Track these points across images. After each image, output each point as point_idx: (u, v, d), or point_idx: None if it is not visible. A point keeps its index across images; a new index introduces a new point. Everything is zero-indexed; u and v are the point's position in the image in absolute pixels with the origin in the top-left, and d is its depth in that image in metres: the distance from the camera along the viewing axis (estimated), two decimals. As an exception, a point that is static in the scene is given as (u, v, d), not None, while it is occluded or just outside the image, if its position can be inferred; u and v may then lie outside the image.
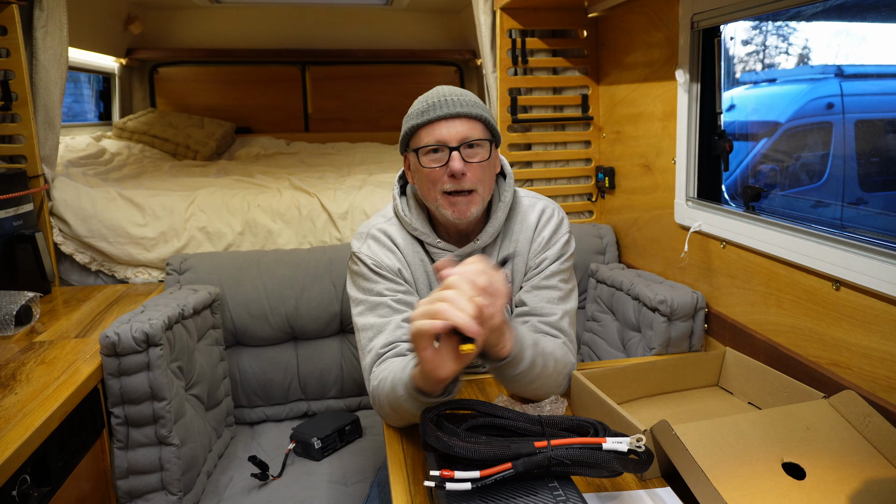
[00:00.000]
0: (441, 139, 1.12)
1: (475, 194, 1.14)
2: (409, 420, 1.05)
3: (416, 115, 1.14)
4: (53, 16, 1.83)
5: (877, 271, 1.03)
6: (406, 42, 4.13)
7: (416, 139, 1.15)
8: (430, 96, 1.16)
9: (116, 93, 3.71)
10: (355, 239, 1.25)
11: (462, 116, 1.12)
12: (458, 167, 1.10)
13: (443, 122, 1.12)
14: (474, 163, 1.12)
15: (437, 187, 1.14)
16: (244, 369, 1.83)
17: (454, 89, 1.16)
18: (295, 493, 1.47)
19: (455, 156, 1.11)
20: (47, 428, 1.10)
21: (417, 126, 1.14)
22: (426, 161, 1.13)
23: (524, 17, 1.97)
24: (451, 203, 1.14)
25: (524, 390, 1.11)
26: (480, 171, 1.14)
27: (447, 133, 1.11)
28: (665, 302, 1.46)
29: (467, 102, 1.14)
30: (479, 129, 1.14)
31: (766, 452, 0.88)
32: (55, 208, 1.93)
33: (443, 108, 1.12)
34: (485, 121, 1.15)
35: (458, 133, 1.11)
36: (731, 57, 1.59)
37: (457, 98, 1.14)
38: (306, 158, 3.41)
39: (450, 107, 1.12)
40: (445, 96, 1.14)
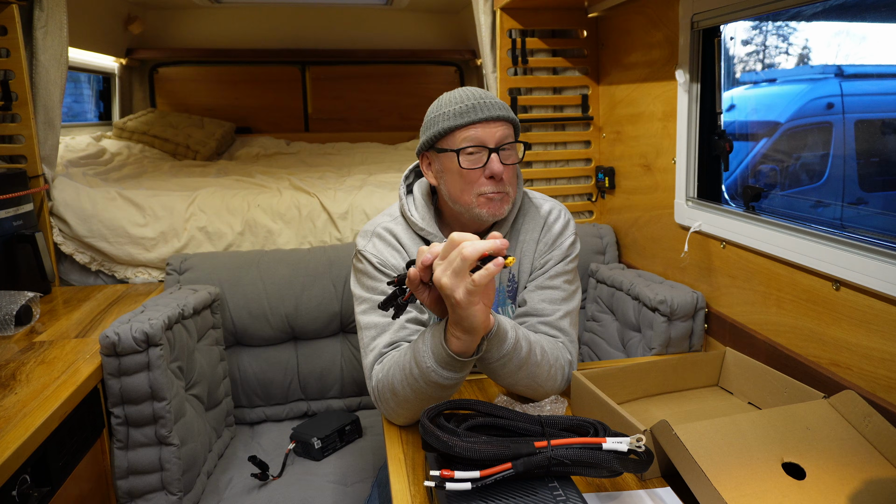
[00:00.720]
0: (480, 140, 1.12)
1: (508, 196, 1.16)
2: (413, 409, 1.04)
3: (454, 116, 1.13)
4: (53, 16, 1.83)
5: (877, 271, 1.03)
6: (406, 42, 4.14)
7: (451, 139, 1.14)
8: (464, 98, 1.15)
9: (116, 93, 3.71)
10: (360, 237, 1.25)
11: (501, 119, 1.14)
12: (498, 169, 1.12)
13: (481, 124, 1.12)
14: (509, 165, 1.15)
15: (474, 189, 1.14)
16: (244, 369, 1.83)
17: (484, 91, 1.17)
18: (295, 493, 1.47)
19: (494, 158, 1.12)
20: (47, 428, 1.10)
21: (456, 127, 1.13)
22: (464, 162, 1.13)
23: (524, 17, 1.97)
24: (488, 201, 1.14)
25: (517, 382, 1.10)
26: (512, 173, 1.17)
27: (486, 135, 1.12)
28: (665, 302, 1.46)
29: (501, 105, 1.16)
30: (511, 131, 1.17)
31: (766, 452, 0.88)
32: (55, 208, 1.93)
33: (483, 111, 1.12)
34: (515, 124, 1.18)
35: (497, 135, 1.13)
36: (731, 57, 1.59)
37: (492, 101, 1.15)
38: (306, 158, 3.41)
39: (489, 110, 1.13)
40: (482, 98, 1.14)
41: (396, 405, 1.06)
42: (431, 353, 0.97)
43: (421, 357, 0.98)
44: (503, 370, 1.07)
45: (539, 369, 1.11)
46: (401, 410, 1.07)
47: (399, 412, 1.07)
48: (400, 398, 1.04)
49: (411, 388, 1.01)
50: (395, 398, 1.05)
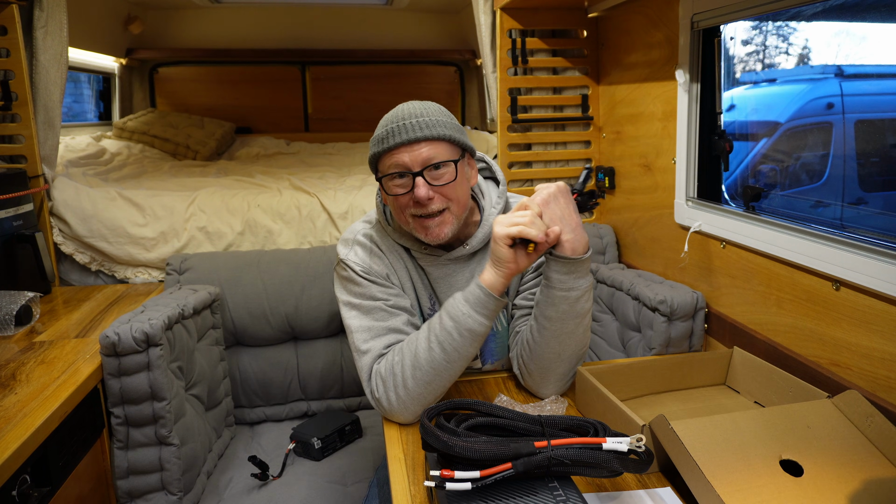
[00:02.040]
0: (403, 165, 1.09)
1: (447, 213, 1.12)
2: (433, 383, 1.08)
3: (377, 142, 1.11)
4: (53, 16, 1.83)
5: (877, 271, 1.02)
6: (406, 42, 4.14)
7: (380, 166, 1.13)
8: (390, 120, 1.12)
9: (116, 93, 3.71)
10: (341, 245, 1.24)
11: (422, 140, 1.08)
12: (422, 194, 1.08)
13: (403, 147, 1.08)
14: (441, 185, 1.10)
15: (407, 212, 1.12)
16: (244, 369, 1.83)
17: (416, 108, 1.12)
18: (295, 493, 1.47)
19: (419, 181, 1.08)
20: (47, 428, 1.10)
21: (379, 154, 1.11)
22: (391, 188, 1.12)
23: (524, 17, 1.97)
24: (423, 226, 1.13)
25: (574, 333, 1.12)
26: (450, 190, 1.11)
27: (409, 159, 1.08)
28: (665, 302, 1.46)
29: (428, 124, 1.09)
30: (443, 149, 1.10)
31: (764, 449, 0.88)
32: (55, 208, 1.93)
33: (402, 134, 1.08)
34: (448, 139, 1.11)
35: (420, 157, 1.08)
36: (731, 57, 1.59)
37: (416, 121, 1.09)
38: (306, 158, 3.41)
39: (409, 131, 1.08)
40: (404, 119, 1.09)
41: (414, 383, 1.07)
42: (464, 300, 1.06)
43: (454, 308, 1.07)
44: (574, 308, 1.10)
45: (579, 344, 1.15)
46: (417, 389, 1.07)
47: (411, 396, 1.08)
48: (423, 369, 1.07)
49: (441, 346, 1.07)
50: (416, 372, 1.07)
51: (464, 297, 1.07)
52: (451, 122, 1.13)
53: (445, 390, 1.11)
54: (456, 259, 1.22)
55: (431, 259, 1.22)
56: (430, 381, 1.07)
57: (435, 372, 1.07)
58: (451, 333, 1.06)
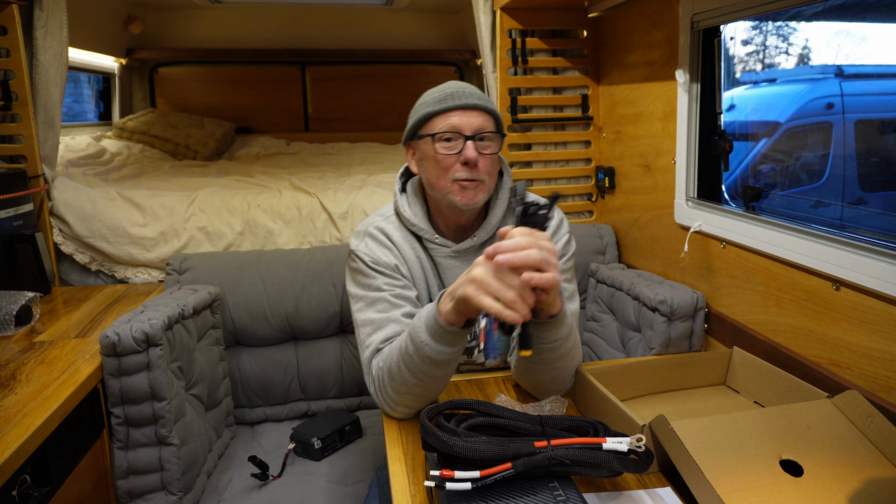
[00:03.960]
0: (457, 127, 1.15)
1: (482, 184, 1.18)
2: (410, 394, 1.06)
3: (433, 103, 1.17)
4: (53, 16, 1.83)
5: (877, 271, 1.03)
6: (406, 42, 4.13)
7: (430, 125, 1.18)
8: (445, 87, 1.19)
9: (116, 93, 3.71)
10: (353, 237, 1.27)
11: (478, 108, 1.16)
12: (472, 155, 1.14)
13: (459, 111, 1.16)
14: (486, 154, 1.16)
15: (449, 174, 1.16)
16: (244, 369, 1.83)
17: (467, 84, 1.21)
18: (295, 493, 1.47)
19: (470, 145, 1.14)
20: (47, 428, 1.10)
21: (434, 113, 1.17)
22: (440, 148, 1.16)
23: (524, 17, 1.97)
24: (461, 188, 1.16)
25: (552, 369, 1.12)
26: (489, 163, 1.17)
27: (463, 122, 1.15)
28: (665, 302, 1.46)
29: (482, 96, 1.18)
30: (491, 122, 1.19)
31: (764, 449, 0.88)
32: (55, 208, 1.93)
33: (461, 99, 1.16)
34: (496, 116, 1.20)
35: (474, 123, 1.15)
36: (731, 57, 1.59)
37: (472, 91, 1.18)
38: (306, 158, 3.41)
39: (467, 98, 1.16)
40: (462, 88, 1.18)
41: (394, 392, 1.08)
42: (425, 327, 1.00)
43: (416, 332, 1.02)
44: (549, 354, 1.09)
45: (573, 361, 1.15)
46: (398, 398, 1.08)
47: (397, 399, 1.09)
48: (397, 382, 1.06)
49: (407, 367, 1.04)
50: (393, 383, 1.07)
51: (425, 321, 1.00)
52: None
53: (433, 397, 1.11)
54: (465, 251, 1.25)
55: (442, 250, 1.25)
56: (408, 394, 1.08)
57: (408, 389, 1.07)
58: (413, 358, 1.02)
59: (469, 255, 1.26)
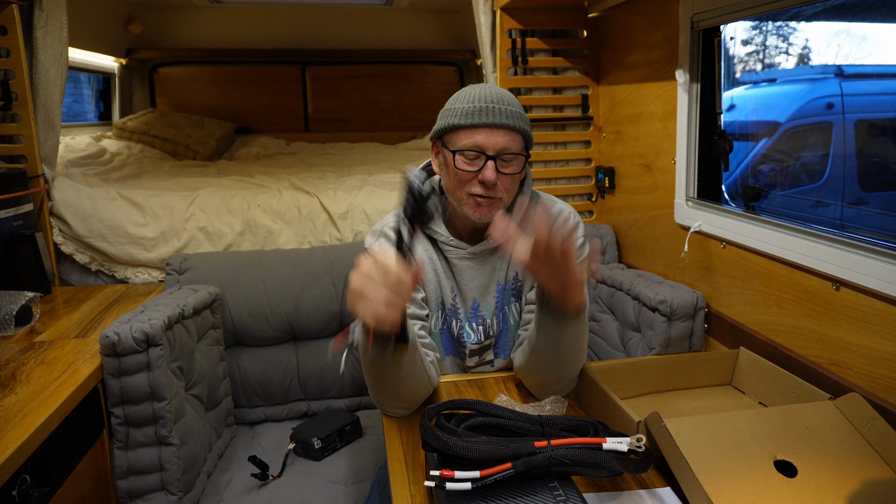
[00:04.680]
0: (480, 146, 1.12)
1: (499, 202, 1.16)
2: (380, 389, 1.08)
3: (460, 115, 1.13)
4: (53, 16, 1.83)
5: (877, 271, 1.02)
6: (406, 42, 4.13)
7: (454, 138, 1.15)
8: (477, 97, 1.14)
9: (116, 93, 3.71)
10: (369, 236, 1.28)
11: (505, 128, 1.12)
12: (490, 177, 1.11)
13: (485, 129, 1.11)
14: (506, 174, 1.14)
15: (466, 188, 1.15)
16: (244, 369, 1.83)
17: (502, 94, 1.15)
18: (295, 493, 1.47)
19: (490, 165, 1.12)
20: (47, 428, 1.10)
21: (460, 126, 1.13)
22: (461, 163, 1.14)
23: (524, 17, 1.97)
24: (476, 205, 1.15)
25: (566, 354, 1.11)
26: (510, 182, 1.16)
27: (487, 141, 1.12)
28: (665, 302, 1.46)
29: (513, 114, 1.13)
30: (517, 142, 1.15)
31: (759, 449, 0.88)
32: (55, 208, 1.92)
33: (489, 116, 1.11)
34: (524, 134, 1.16)
35: (498, 144, 1.12)
36: (731, 57, 1.59)
37: (504, 108, 1.12)
38: (306, 158, 3.41)
39: (496, 116, 1.11)
40: (493, 102, 1.12)
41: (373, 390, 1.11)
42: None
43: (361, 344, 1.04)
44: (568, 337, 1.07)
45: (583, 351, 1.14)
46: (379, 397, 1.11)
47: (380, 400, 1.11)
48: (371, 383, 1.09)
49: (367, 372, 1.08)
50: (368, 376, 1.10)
51: None
52: (527, 119, 1.17)
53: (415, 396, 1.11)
54: (480, 253, 1.25)
55: (457, 252, 1.25)
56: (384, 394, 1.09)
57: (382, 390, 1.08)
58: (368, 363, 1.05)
59: (484, 257, 1.26)
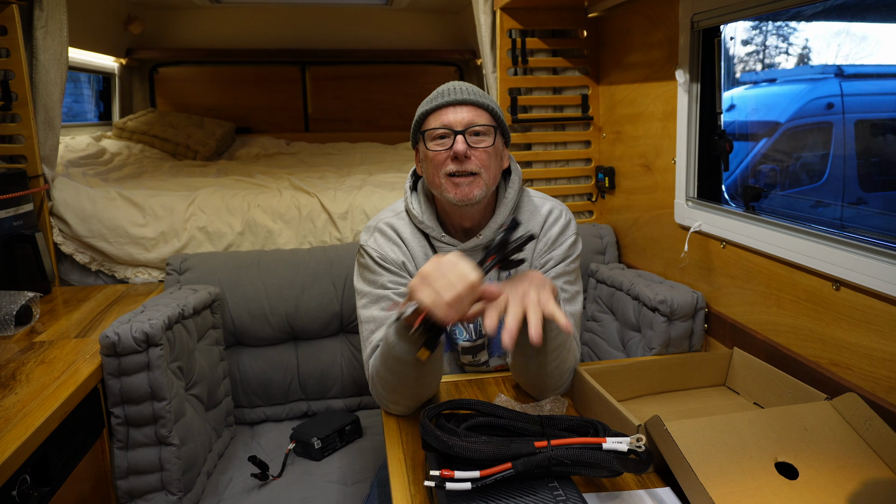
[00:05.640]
0: (447, 123, 1.16)
1: (478, 178, 1.16)
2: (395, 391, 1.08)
3: (426, 102, 1.20)
4: (53, 16, 1.83)
5: (877, 271, 1.02)
6: (406, 42, 4.14)
7: (425, 124, 1.19)
8: (441, 87, 1.21)
9: (116, 93, 3.71)
10: (364, 232, 1.29)
11: (468, 104, 1.17)
12: (461, 148, 1.14)
13: (450, 108, 1.16)
14: (479, 148, 1.16)
15: (441, 170, 1.17)
16: (244, 369, 1.83)
17: (465, 83, 1.22)
18: (295, 493, 1.47)
19: (459, 139, 1.15)
20: (47, 428, 1.10)
21: (427, 112, 1.18)
22: (432, 145, 1.17)
23: (524, 17, 1.97)
24: (454, 184, 1.16)
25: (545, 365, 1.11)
26: (486, 156, 1.17)
27: (453, 118, 1.16)
28: (665, 302, 1.46)
29: (475, 92, 1.19)
30: (484, 116, 1.18)
31: (759, 451, 0.88)
32: (55, 208, 1.92)
33: (450, 95, 1.17)
34: (491, 110, 1.19)
35: (464, 118, 1.16)
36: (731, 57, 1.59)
37: (465, 87, 1.19)
38: (306, 158, 3.41)
39: (457, 94, 1.17)
40: (455, 86, 1.19)
41: (384, 389, 1.10)
42: (393, 327, 1.03)
43: (388, 332, 1.05)
44: (544, 346, 1.08)
45: (568, 355, 1.14)
46: (388, 395, 1.10)
47: (388, 398, 1.11)
48: (384, 380, 1.09)
49: (386, 366, 1.07)
50: (381, 381, 1.10)
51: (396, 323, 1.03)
52: (496, 102, 1.22)
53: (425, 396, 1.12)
54: (471, 250, 1.25)
55: (448, 248, 1.25)
56: (396, 392, 1.09)
57: (394, 388, 1.09)
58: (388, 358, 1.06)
59: (475, 254, 1.26)
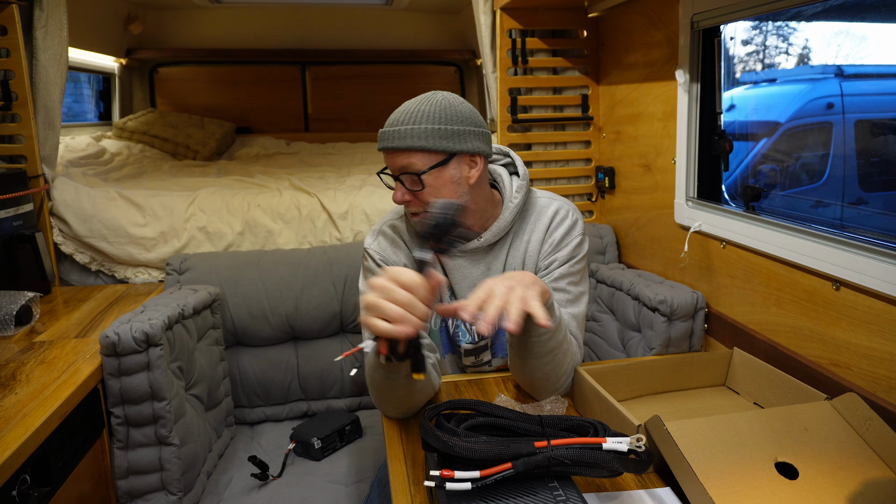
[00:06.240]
0: (391, 167, 1.16)
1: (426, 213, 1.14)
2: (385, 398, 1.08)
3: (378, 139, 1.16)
4: (53, 16, 1.83)
5: (877, 271, 1.02)
6: (406, 42, 4.14)
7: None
8: (390, 120, 1.13)
9: (116, 93, 3.71)
10: (369, 235, 1.30)
11: (399, 150, 1.11)
12: (396, 198, 1.16)
13: (386, 154, 1.15)
14: (415, 191, 1.13)
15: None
16: (244, 369, 1.83)
17: (407, 114, 1.11)
18: (295, 493, 1.47)
19: (397, 185, 1.15)
20: (47, 428, 1.10)
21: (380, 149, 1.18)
22: (387, 182, 1.20)
23: (524, 17, 1.97)
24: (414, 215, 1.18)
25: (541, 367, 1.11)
26: (427, 196, 1.13)
27: (391, 163, 1.15)
28: (665, 302, 1.46)
29: (407, 134, 1.09)
30: (419, 159, 1.10)
31: (760, 451, 0.88)
32: (55, 208, 1.92)
33: (384, 142, 1.13)
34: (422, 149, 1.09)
35: (397, 164, 1.14)
36: (731, 57, 1.59)
37: (398, 129, 1.10)
38: (306, 158, 3.41)
39: (388, 140, 1.11)
40: (391, 125, 1.11)
41: (377, 398, 1.11)
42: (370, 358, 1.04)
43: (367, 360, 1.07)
44: (539, 348, 1.08)
45: (565, 358, 1.13)
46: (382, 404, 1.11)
47: (383, 405, 1.12)
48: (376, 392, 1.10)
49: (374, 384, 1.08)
50: (374, 392, 1.10)
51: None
52: (434, 130, 1.10)
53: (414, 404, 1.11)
54: (472, 251, 1.24)
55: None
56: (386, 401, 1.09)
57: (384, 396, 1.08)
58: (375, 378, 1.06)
59: (476, 256, 1.25)
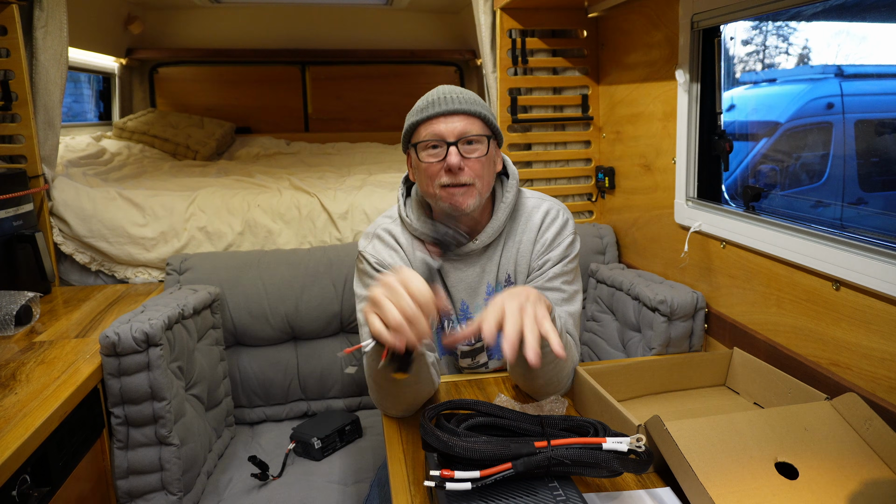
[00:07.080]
0: (439, 134, 1.14)
1: (472, 188, 1.15)
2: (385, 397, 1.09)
3: (416, 112, 1.17)
4: (53, 16, 1.83)
5: (877, 271, 1.02)
6: (406, 42, 4.14)
7: (416, 135, 1.18)
8: (430, 94, 1.18)
9: (116, 93, 3.71)
10: (363, 238, 1.29)
11: (460, 113, 1.14)
12: (454, 161, 1.12)
13: (441, 118, 1.14)
14: (472, 158, 1.15)
15: (436, 181, 1.16)
16: (244, 369, 1.83)
17: (455, 88, 1.18)
18: (295, 493, 1.47)
19: (452, 150, 1.13)
20: (47, 428, 1.10)
21: (417, 122, 1.16)
22: (424, 156, 1.16)
23: (524, 17, 1.97)
24: (449, 195, 1.15)
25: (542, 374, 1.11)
26: (479, 166, 1.16)
27: (445, 129, 1.14)
28: (665, 302, 1.46)
29: (466, 100, 1.16)
30: (477, 125, 1.16)
31: (760, 451, 0.88)
32: (55, 208, 1.92)
33: (441, 105, 1.14)
34: (483, 118, 1.17)
35: (456, 129, 1.14)
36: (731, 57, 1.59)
37: (456, 96, 1.16)
38: (306, 158, 3.41)
39: (448, 104, 1.14)
40: (445, 94, 1.16)
41: (377, 397, 1.11)
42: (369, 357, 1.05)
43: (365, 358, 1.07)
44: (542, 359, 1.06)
45: (566, 364, 1.13)
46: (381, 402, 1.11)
47: (382, 404, 1.12)
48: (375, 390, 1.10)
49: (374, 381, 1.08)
50: (374, 391, 1.11)
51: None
52: (486, 106, 1.20)
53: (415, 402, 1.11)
54: (467, 254, 1.24)
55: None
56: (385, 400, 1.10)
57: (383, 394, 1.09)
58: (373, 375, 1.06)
59: (472, 258, 1.25)
